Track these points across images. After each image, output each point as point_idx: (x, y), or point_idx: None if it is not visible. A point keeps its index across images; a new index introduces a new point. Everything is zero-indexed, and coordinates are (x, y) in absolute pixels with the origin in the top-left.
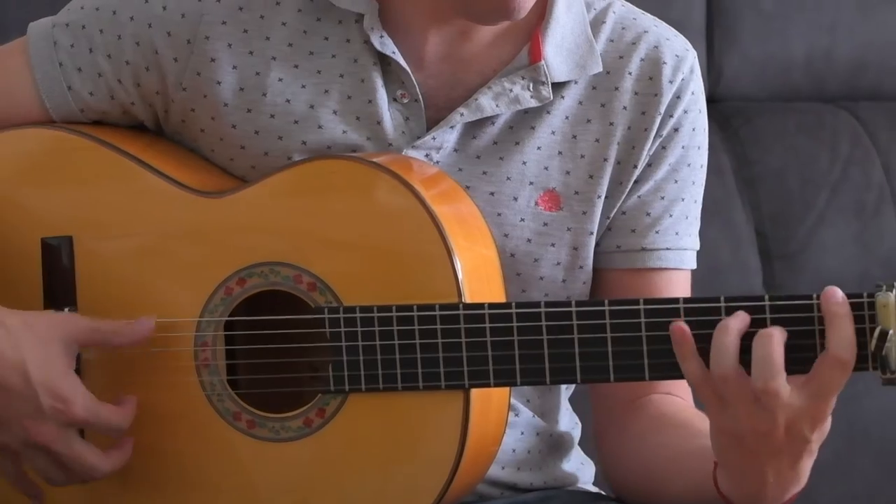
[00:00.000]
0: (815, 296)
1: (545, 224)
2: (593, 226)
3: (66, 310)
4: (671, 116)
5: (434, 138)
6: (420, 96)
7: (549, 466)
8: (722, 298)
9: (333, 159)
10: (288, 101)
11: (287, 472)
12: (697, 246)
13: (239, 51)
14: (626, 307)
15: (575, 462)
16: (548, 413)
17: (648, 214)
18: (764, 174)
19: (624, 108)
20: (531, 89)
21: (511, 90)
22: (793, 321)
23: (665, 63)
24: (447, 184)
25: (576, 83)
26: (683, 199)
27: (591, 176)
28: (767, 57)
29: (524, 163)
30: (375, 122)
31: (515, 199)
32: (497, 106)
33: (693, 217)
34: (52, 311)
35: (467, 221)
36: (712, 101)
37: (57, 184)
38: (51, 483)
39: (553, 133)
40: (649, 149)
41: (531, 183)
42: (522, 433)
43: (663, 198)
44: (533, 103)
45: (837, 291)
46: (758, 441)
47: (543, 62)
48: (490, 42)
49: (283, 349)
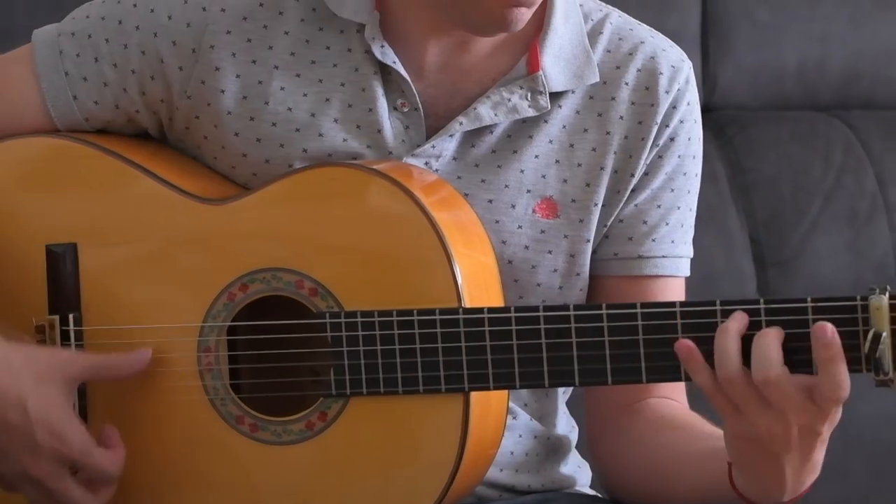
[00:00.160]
0: (810, 298)
1: (542, 231)
2: (590, 233)
3: (71, 317)
4: (667, 126)
5: (433, 146)
6: (420, 105)
7: (547, 469)
8: (718, 302)
9: (334, 166)
10: (290, 110)
11: (289, 475)
12: (692, 253)
13: (242, 60)
14: (624, 311)
15: (572, 465)
16: (545, 416)
17: (645, 223)
18: (758, 182)
19: (621, 118)
20: (529, 99)
21: (509, 100)
22: (788, 323)
23: (661, 73)
24: (447, 191)
25: (573, 93)
26: (679, 208)
27: (588, 184)
28: (761, 66)
29: (522, 171)
30: (376, 131)
31: (513, 207)
32: (495, 115)
33: (688, 225)
34: (55, 348)
35: (467, 228)
36: (707, 110)
37: (61, 191)
38: None
39: (550, 142)
40: (646, 158)
41: (529, 191)
42: (520, 436)
43: (660, 206)
44: (531, 113)
45: (827, 329)
46: (773, 443)
47: (541, 72)
48: (489, 52)
49: (285, 354)
